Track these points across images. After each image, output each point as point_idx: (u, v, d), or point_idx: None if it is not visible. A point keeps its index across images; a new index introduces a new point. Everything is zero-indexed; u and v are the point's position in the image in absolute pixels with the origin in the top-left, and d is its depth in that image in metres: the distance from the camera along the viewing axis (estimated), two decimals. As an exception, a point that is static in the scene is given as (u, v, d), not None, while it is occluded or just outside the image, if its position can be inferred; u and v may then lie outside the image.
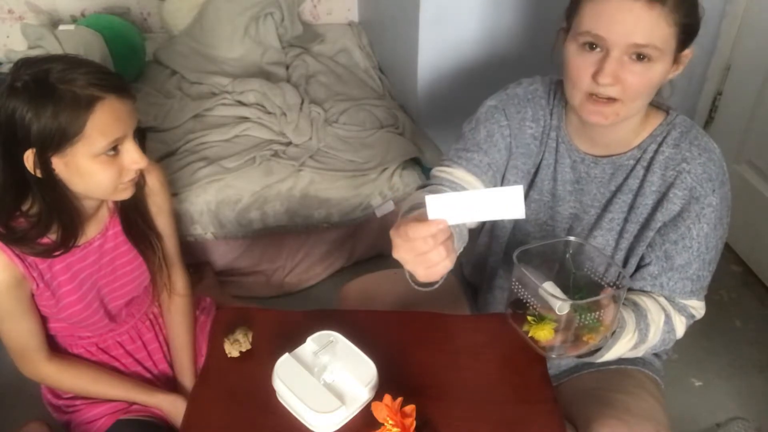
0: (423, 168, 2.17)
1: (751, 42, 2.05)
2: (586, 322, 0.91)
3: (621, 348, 1.02)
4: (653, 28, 0.91)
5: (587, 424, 1.09)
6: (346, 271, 2.13)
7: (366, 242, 2.12)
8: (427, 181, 1.15)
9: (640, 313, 1.04)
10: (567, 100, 1.03)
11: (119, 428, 1.23)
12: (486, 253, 1.30)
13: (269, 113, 2.19)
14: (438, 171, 1.14)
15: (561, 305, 0.88)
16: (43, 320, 1.20)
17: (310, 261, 2.09)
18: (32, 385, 1.32)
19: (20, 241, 1.07)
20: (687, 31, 0.95)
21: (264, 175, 1.97)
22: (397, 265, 0.81)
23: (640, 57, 0.92)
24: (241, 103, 2.24)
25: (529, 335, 0.94)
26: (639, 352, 1.08)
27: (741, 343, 1.95)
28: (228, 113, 2.19)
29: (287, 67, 2.52)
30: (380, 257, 2.16)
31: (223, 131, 2.10)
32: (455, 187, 1.09)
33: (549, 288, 0.89)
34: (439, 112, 2.23)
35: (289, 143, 2.11)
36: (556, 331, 0.92)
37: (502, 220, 1.22)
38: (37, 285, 1.12)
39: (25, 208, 1.07)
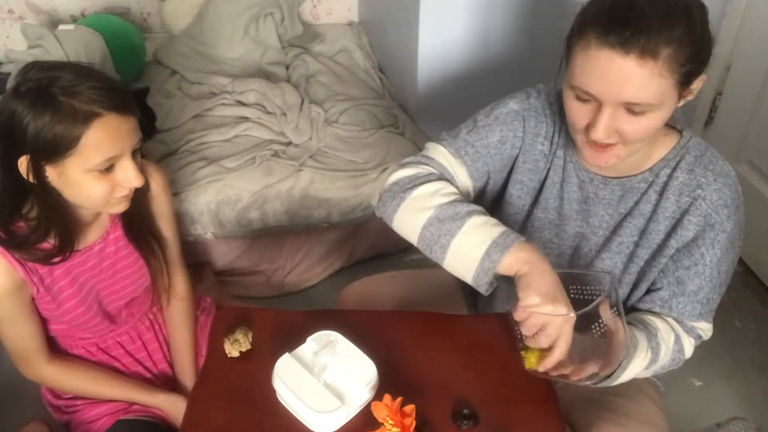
0: (423, 168, 2.17)
1: (751, 42, 2.05)
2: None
3: (636, 368, 1.01)
4: (645, 85, 0.86)
5: (587, 428, 1.09)
6: (345, 272, 2.14)
7: (366, 242, 2.12)
8: (423, 155, 1.10)
9: (650, 333, 1.03)
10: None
11: (119, 428, 1.23)
12: None
13: (269, 113, 2.19)
14: (439, 154, 1.09)
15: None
16: (43, 322, 1.19)
17: (310, 261, 2.09)
18: (32, 386, 1.32)
19: (20, 246, 1.06)
20: (691, 73, 0.89)
21: (264, 175, 1.97)
22: (397, 267, 0.81)
23: (635, 111, 0.89)
24: (241, 103, 2.24)
25: (526, 368, 0.94)
26: (650, 372, 1.06)
27: (741, 343, 1.95)
28: (228, 113, 2.19)
29: (287, 67, 2.52)
30: (380, 257, 2.16)
31: (223, 131, 2.10)
32: (451, 179, 1.08)
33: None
34: (439, 111, 2.23)
35: (289, 143, 2.11)
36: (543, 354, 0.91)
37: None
38: (38, 289, 1.12)
39: (25, 211, 1.06)
